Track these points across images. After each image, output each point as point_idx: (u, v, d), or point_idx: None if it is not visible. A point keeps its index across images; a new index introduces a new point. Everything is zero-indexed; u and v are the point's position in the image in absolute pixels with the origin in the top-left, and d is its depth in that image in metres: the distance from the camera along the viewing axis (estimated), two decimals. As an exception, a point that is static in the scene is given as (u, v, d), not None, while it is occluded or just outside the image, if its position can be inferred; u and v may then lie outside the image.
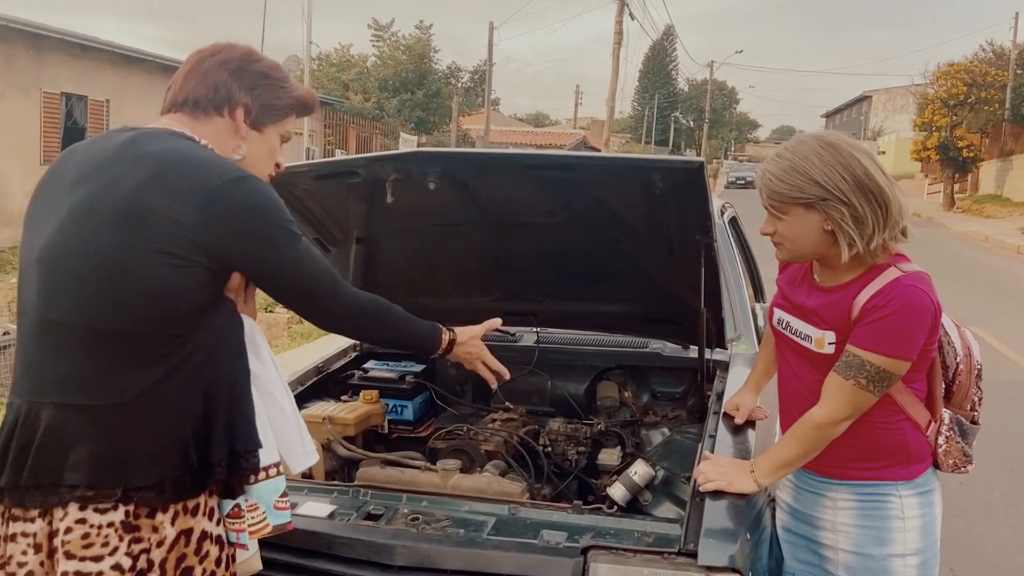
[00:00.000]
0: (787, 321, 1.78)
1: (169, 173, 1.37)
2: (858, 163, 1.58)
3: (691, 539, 1.67)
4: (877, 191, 1.57)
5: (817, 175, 1.57)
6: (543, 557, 1.69)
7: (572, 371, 2.85)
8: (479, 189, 2.16)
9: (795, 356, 1.77)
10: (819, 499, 1.76)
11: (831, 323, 1.66)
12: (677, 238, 2.20)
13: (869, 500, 1.70)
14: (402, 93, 24.12)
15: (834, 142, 1.61)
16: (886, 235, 1.59)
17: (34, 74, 12.51)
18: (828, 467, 1.74)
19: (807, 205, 1.60)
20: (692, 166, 1.85)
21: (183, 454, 1.41)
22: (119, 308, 1.36)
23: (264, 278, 1.50)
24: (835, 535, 1.72)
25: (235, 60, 1.52)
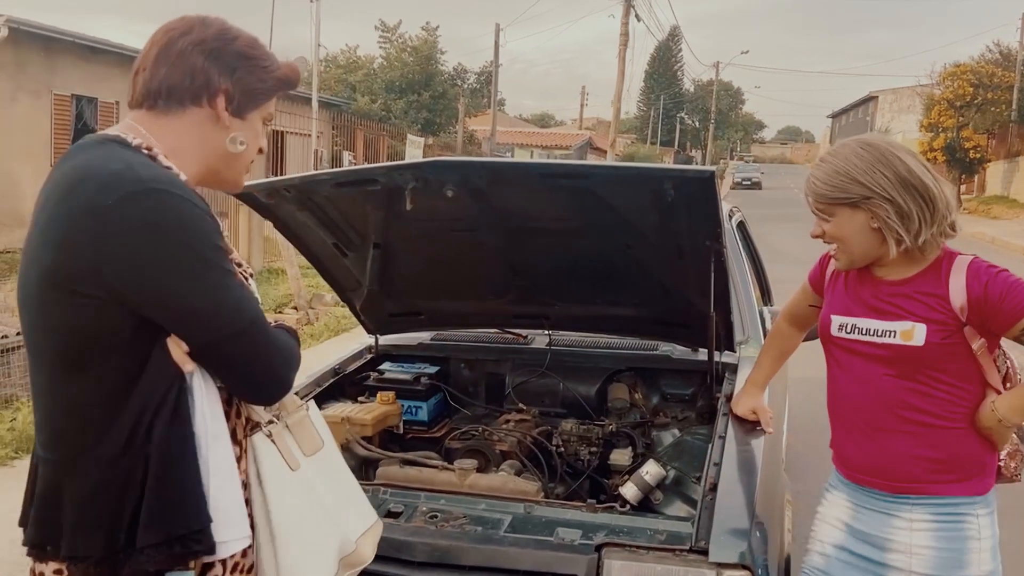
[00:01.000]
0: (853, 324, 1.74)
1: (69, 196, 1.19)
2: (899, 160, 1.61)
3: (702, 537, 1.72)
4: (921, 187, 1.60)
5: (858, 175, 1.61)
6: (558, 554, 1.74)
7: (583, 373, 2.90)
8: (494, 196, 2.22)
9: (862, 360, 1.73)
10: (890, 519, 1.71)
11: (921, 315, 1.64)
12: (687, 244, 2.25)
13: (948, 520, 1.66)
14: (409, 95, 24.20)
15: (874, 142, 1.65)
16: (934, 230, 1.61)
17: (45, 77, 12.60)
18: (903, 482, 1.70)
19: (852, 205, 1.64)
20: (704, 176, 1.90)
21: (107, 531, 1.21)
22: (43, 351, 1.25)
23: (171, 319, 1.21)
24: (909, 558, 1.68)
25: (210, 39, 1.31)
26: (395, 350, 3.10)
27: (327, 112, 19.27)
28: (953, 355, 1.64)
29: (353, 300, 2.89)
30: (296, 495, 1.37)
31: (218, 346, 1.23)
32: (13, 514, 1.35)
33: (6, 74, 11.98)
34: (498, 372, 3.02)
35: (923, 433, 1.67)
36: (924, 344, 1.63)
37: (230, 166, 1.38)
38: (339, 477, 1.49)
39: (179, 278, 1.18)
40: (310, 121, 15.38)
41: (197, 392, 1.25)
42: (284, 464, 1.37)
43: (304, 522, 1.38)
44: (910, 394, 1.67)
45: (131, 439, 1.20)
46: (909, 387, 1.67)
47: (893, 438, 1.70)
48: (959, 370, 1.66)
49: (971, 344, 1.63)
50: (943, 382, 1.66)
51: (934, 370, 1.65)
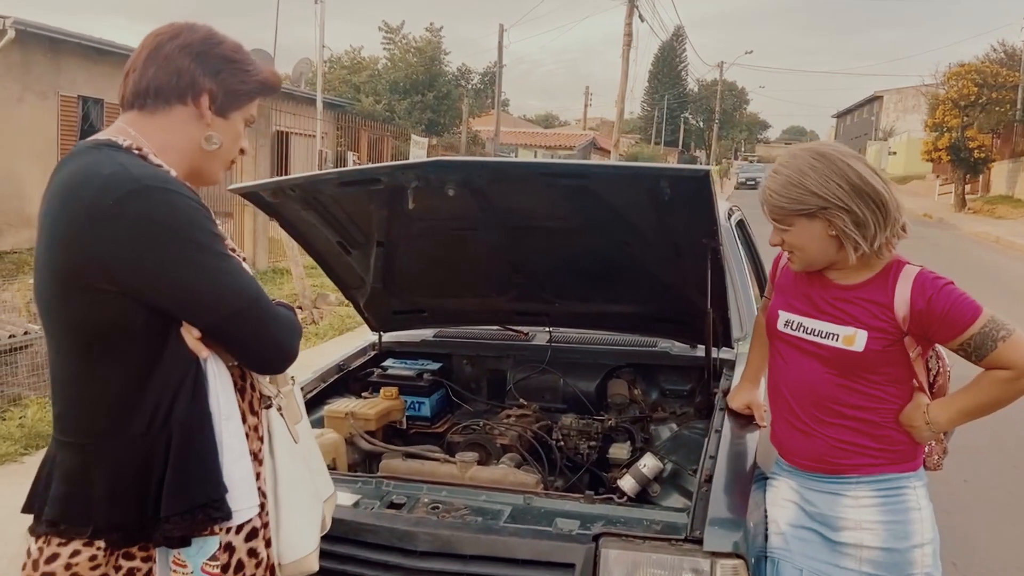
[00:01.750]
0: (798, 322, 1.81)
1: (72, 201, 1.27)
2: (852, 169, 1.66)
3: (697, 527, 1.76)
4: (873, 193, 1.66)
5: (814, 186, 1.66)
6: (557, 543, 1.79)
7: (584, 369, 2.95)
8: (495, 195, 2.26)
9: (803, 356, 1.80)
10: (838, 498, 1.79)
11: (864, 322, 1.71)
12: (684, 242, 2.29)
13: (890, 494, 1.75)
14: (413, 95, 24.24)
15: (826, 152, 1.70)
16: (887, 233, 1.67)
17: (51, 78, 12.68)
18: (842, 466, 1.78)
19: (809, 215, 1.69)
20: (699, 175, 1.94)
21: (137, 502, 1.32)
22: (66, 346, 1.33)
23: (177, 304, 1.30)
24: (859, 533, 1.75)
25: (197, 43, 1.41)
26: (399, 347, 3.15)
27: (331, 113, 19.32)
28: (890, 361, 1.72)
29: (357, 298, 2.94)
30: (297, 468, 1.52)
31: (224, 326, 1.33)
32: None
33: (12, 75, 12.06)
34: (500, 368, 3.07)
35: (858, 425, 1.76)
36: (864, 350, 1.70)
37: (208, 163, 1.47)
38: (313, 450, 1.65)
39: (178, 267, 1.27)
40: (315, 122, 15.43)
41: (211, 376, 1.36)
42: (290, 438, 1.51)
43: (302, 492, 1.53)
44: (846, 392, 1.76)
45: (153, 419, 1.31)
46: (846, 385, 1.75)
47: (831, 429, 1.78)
48: (894, 373, 1.74)
49: (909, 352, 1.71)
50: (878, 384, 1.74)
51: (871, 372, 1.73)
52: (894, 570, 1.73)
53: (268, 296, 1.40)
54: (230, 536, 1.37)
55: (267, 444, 1.48)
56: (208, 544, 1.33)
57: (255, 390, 1.47)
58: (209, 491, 1.32)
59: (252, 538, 1.40)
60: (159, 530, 1.31)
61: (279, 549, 1.50)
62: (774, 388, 1.91)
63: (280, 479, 1.50)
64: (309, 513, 1.57)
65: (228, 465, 1.35)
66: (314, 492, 1.60)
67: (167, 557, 1.34)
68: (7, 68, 11.92)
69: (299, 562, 1.53)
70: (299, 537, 1.53)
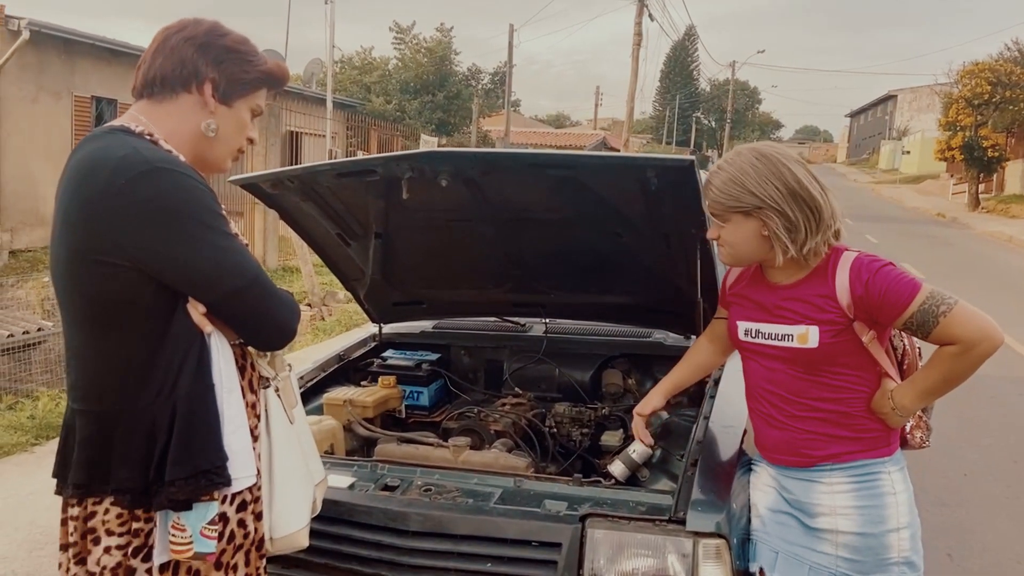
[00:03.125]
0: (756, 329, 1.84)
1: (87, 181, 1.36)
2: (790, 172, 1.70)
3: (681, 508, 1.81)
4: (808, 198, 1.69)
5: (752, 185, 1.70)
6: (545, 524, 1.83)
7: (578, 359, 2.99)
8: (488, 186, 2.31)
9: (767, 360, 1.83)
10: (814, 485, 1.81)
11: (813, 318, 1.73)
12: (674, 232, 2.34)
13: (864, 479, 1.76)
14: (423, 95, 24.31)
15: (768, 154, 1.73)
16: (818, 238, 1.71)
17: (65, 78, 12.83)
18: (816, 457, 1.80)
19: (745, 213, 1.73)
20: (683, 164, 1.98)
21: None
22: (79, 318, 1.42)
23: (182, 280, 1.38)
24: (834, 518, 1.77)
25: (200, 35, 1.49)
26: (398, 338, 3.21)
27: (342, 113, 19.42)
28: (846, 350, 1.74)
29: (357, 289, 3.00)
30: (291, 448, 1.60)
31: (226, 302, 1.41)
32: (36, 496, 1.48)
33: (28, 76, 12.22)
34: (497, 359, 3.12)
35: (829, 416, 1.78)
36: (819, 345, 1.73)
37: (211, 149, 1.54)
38: (306, 434, 1.72)
39: (183, 244, 1.35)
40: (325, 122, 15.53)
41: (214, 350, 1.44)
42: (286, 419, 1.60)
43: (294, 470, 1.61)
44: (813, 387, 1.78)
45: (161, 389, 1.39)
46: (811, 380, 1.78)
47: (803, 423, 1.80)
48: (854, 362, 1.76)
49: (861, 337, 1.73)
50: (841, 374, 1.76)
51: (831, 365, 1.76)
52: (869, 554, 1.75)
53: (268, 276, 1.47)
54: (224, 506, 1.44)
55: (264, 422, 1.56)
56: (208, 509, 1.40)
57: (254, 370, 1.55)
58: (212, 458, 1.39)
59: (242, 510, 1.48)
60: (163, 494, 1.37)
61: (271, 523, 1.57)
62: (749, 392, 1.94)
63: (275, 456, 1.58)
64: (301, 491, 1.65)
65: (228, 435, 1.42)
66: (306, 472, 1.67)
67: (167, 521, 1.40)
68: (22, 69, 12.08)
69: (290, 536, 1.61)
70: (291, 513, 1.61)
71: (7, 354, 8.46)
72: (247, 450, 1.46)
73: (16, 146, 12.17)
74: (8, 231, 12.20)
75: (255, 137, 1.61)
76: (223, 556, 1.47)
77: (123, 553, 1.40)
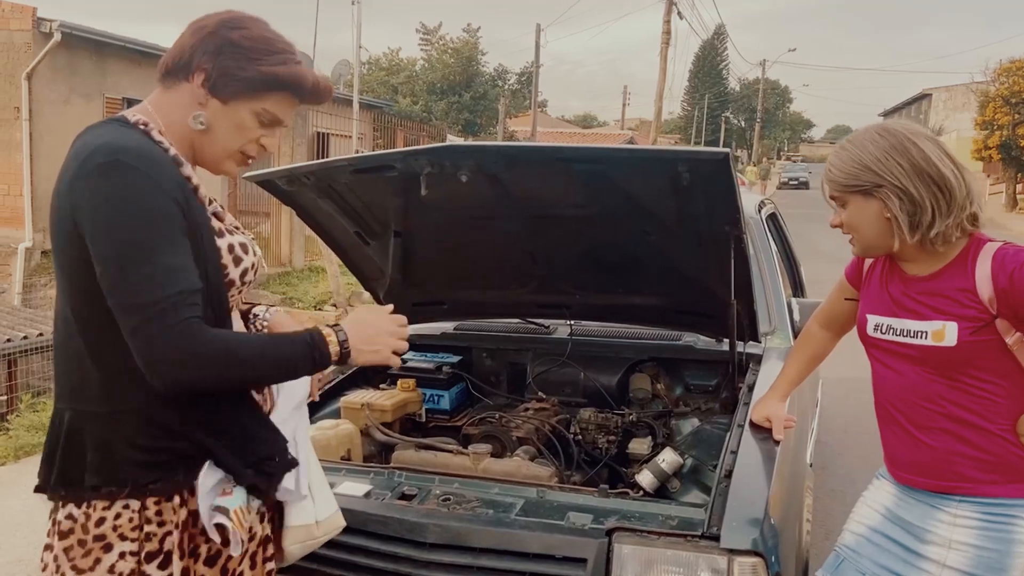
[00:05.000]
0: (887, 324, 1.69)
1: (66, 169, 1.34)
2: (916, 147, 1.55)
3: (715, 523, 1.70)
4: (938, 176, 1.54)
5: (871, 162, 1.56)
6: (568, 537, 1.74)
7: (605, 363, 2.89)
8: (510, 182, 2.22)
9: (898, 359, 1.68)
10: (935, 511, 1.66)
11: (951, 313, 1.58)
12: (706, 230, 2.23)
13: (995, 520, 1.59)
14: (450, 96, 24.36)
15: (892, 129, 1.59)
16: (950, 221, 1.55)
17: (96, 80, 13.00)
18: (946, 481, 1.64)
19: (865, 193, 1.59)
20: (718, 157, 1.87)
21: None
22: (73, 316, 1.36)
23: (99, 275, 1.28)
24: (947, 552, 1.62)
25: (211, 24, 1.41)
26: (419, 339, 3.12)
27: (369, 114, 19.49)
28: (987, 351, 1.57)
29: (377, 290, 2.92)
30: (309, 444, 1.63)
31: (118, 312, 1.28)
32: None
33: (60, 78, 12.39)
34: (519, 362, 3.02)
35: (964, 431, 1.61)
36: (957, 343, 1.56)
37: (203, 146, 1.45)
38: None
39: (108, 244, 1.27)
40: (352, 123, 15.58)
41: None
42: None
43: (322, 480, 1.66)
44: (948, 391, 1.62)
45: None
46: (947, 384, 1.61)
47: (934, 436, 1.64)
48: (996, 367, 1.58)
49: (1005, 338, 1.55)
50: (981, 379, 1.59)
51: (970, 367, 1.59)
52: None
53: (183, 313, 1.26)
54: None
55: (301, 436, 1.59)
56: (240, 494, 1.40)
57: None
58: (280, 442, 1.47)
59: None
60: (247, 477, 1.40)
61: (317, 508, 1.60)
62: (876, 397, 1.78)
63: (300, 446, 1.55)
64: (320, 472, 1.67)
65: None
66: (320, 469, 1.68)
67: (209, 503, 1.38)
68: (54, 71, 12.26)
69: (332, 517, 1.64)
70: (327, 494, 1.65)
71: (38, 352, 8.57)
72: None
73: (48, 147, 12.35)
74: (40, 231, 12.38)
75: (268, 145, 1.48)
76: (229, 563, 1.43)
77: (136, 560, 1.35)
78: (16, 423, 4.47)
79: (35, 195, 12.25)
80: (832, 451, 4.67)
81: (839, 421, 5.09)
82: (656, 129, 25.18)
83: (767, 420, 2.06)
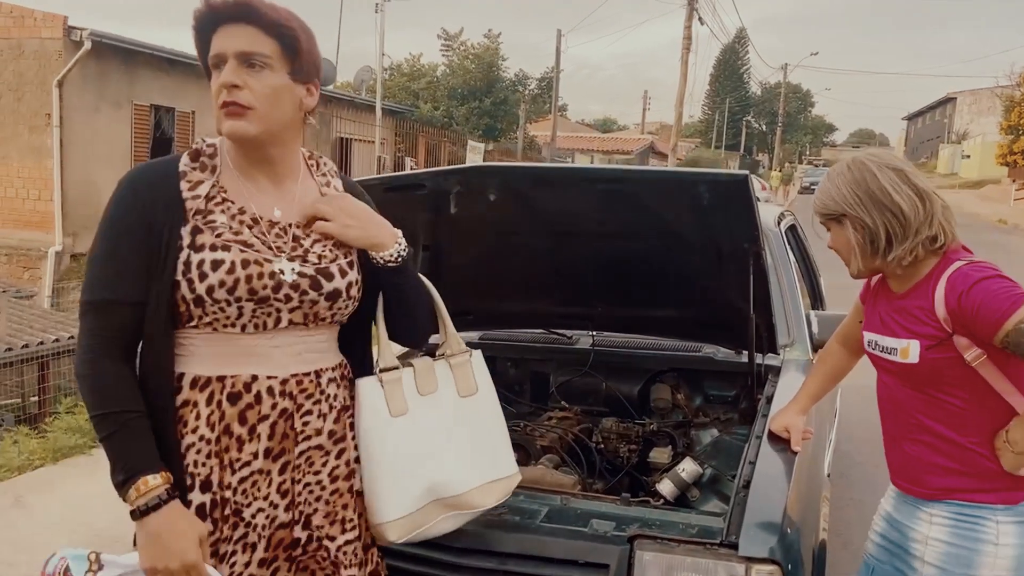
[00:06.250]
0: (875, 341, 1.80)
1: None
2: (874, 178, 1.65)
3: (733, 531, 1.75)
4: (891, 204, 1.64)
5: (835, 194, 1.70)
6: (591, 544, 1.79)
7: (626, 373, 2.95)
8: (536, 200, 2.29)
9: (886, 374, 1.80)
10: (916, 511, 1.78)
11: (914, 331, 1.67)
12: (726, 246, 2.29)
13: (964, 521, 1.69)
14: (470, 101, 24.45)
15: (860, 160, 1.70)
16: (906, 245, 1.64)
17: (125, 88, 13.23)
18: (924, 488, 1.75)
19: (836, 220, 1.72)
20: (737, 179, 1.94)
21: None
22: None
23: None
24: (924, 547, 1.74)
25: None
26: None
27: (391, 119, 19.66)
28: (950, 368, 1.64)
29: (404, 300, 3.00)
30: (382, 439, 1.61)
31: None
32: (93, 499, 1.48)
33: (89, 85, 12.63)
34: (542, 371, 3.09)
35: (936, 443, 1.70)
36: (920, 361, 1.66)
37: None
38: (475, 426, 1.75)
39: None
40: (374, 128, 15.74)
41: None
42: (383, 410, 1.61)
43: (385, 463, 1.62)
44: (922, 405, 1.71)
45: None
46: (920, 398, 1.71)
47: (914, 447, 1.74)
48: (961, 382, 1.65)
49: (963, 355, 1.62)
50: (950, 394, 1.67)
51: (938, 382, 1.67)
52: None
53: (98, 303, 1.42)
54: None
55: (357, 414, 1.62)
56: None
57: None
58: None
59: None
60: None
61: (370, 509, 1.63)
62: (879, 408, 1.88)
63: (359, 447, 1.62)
64: (394, 483, 1.62)
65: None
66: (409, 466, 1.63)
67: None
68: (84, 79, 12.49)
69: (377, 527, 1.64)
70: (382, 503, 1.61)
71: (69, 355, 8.76)
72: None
73: (78, 154, 12.58)
74: (71, 235, 12.63)
75: (226, 80, 1.41)
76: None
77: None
78: (54, 426, 4.60)
79: (65, 200, 12.49)
80: (852, 460, 4.69)
81: (858, 430, 5.10)
82: (676, 134, 25.13)
83: (786, 431, 2.12)
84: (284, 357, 1.50)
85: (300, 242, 1.52)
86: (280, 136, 1.49)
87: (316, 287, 1.49)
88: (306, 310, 1.50)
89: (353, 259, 1.58)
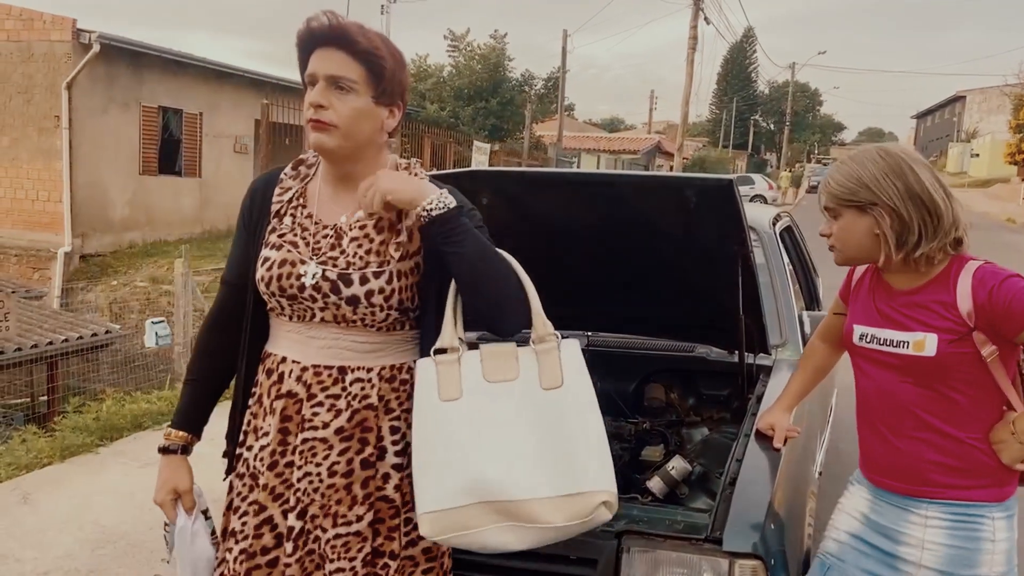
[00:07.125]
0: (871, 334, 1.78)
1: None
2: (912, 172, 1.65)
3: (718, 527, 1.79)
4: (928, 201, 1.63)
5: (869, 180, 1.66)
6: (580, 539, 1.82)
7: (620, 373, 2.99)
8: (529, 204, 2.34)
9: (880, 369, 1.77)
10: (906, 514, 1.75)
11: (932, 324, 1.66)
12: (715, 249, 2.33)
13: (962, 520, 1.68)
14: (477, 102, 24.48)
15: (892, 151, 1.69)
16: (934, 244, 1.64)
17: (133, 89, 13.32)
18: (917, 485, 1.73)
19: (859, 208, 1.69)
20: (722, 184, 1.99)
21: None
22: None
23: None
24: (920, 552, 1.71)
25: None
26: (441, 349, 3.24)
27: (397, 120, 19.69)
28: (964, 363, 1.66)
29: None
30: (432, 424, 1.54)
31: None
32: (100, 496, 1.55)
33: (98, 87, 12.73)
34: (539, 371, 3.12)
35: (935, 439, 1.70)
36: (936, 354, 1.65)
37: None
38: (553, 426, 1.54)
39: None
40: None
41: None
42: (433, 393, 1.55)
43: (428, 453, 1.53)
44: (923, 400, 1.71)
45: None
46: (922, 393, 1.71)
47: (907, 441, 1.73)
48: (970, 378, 1.67)
49: (980, 350, 1.64)
50: (955, 389, 1.68)
51: (946, 377, 1.68)
52: None
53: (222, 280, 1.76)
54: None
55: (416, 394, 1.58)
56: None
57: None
58: None
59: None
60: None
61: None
62: (859, 401, 1.88)
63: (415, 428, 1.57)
64: (435, 475, 1.51)
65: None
66: (452, 458, 1.50)
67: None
68: (93, 81, 12.60)
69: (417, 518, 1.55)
70: (422, 493, 1.53)
71: (78, 355, 8.85)
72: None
73: (86, 155, 12.68)
74: (80, 236, 12.73)
75: (313, 101, 1.54)
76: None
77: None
78: (62, 424, 4.67)
79: (74, 201, 12.59)
80: (849, 458, 4.71)
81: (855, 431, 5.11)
82: (682, 133, 25.11)
83: (771, 428, 2.15)
84: (314, 348, 1.61)
85: (338, 246, 1.60)
86: (360, 153, 1.61)
87: (335, 291, 1.57)
88: (333, 311, 1.59)
89: (388, 270, 1.58)
